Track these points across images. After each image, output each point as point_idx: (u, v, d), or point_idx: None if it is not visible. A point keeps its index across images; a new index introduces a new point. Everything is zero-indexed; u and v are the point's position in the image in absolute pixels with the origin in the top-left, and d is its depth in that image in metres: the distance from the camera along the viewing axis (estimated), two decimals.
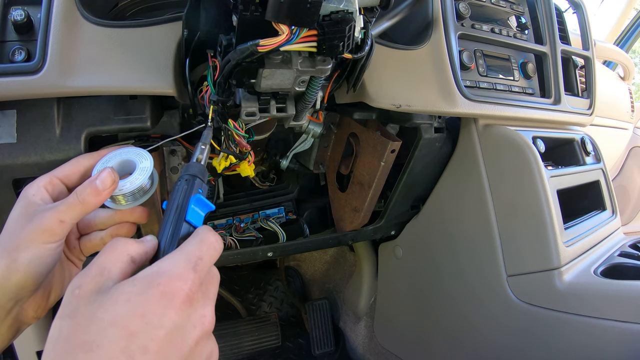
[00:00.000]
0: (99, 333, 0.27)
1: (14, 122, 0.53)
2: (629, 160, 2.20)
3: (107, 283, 0.30)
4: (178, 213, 0.37)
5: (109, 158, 0.45)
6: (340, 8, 0.40)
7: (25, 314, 0.40)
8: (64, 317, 0.29)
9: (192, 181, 0.40)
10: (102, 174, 0.41)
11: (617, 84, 1.98)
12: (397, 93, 0.65)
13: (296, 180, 1.00)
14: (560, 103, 0.86)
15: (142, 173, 0.44)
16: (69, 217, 0.39)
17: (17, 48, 0.50)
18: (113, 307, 0.28)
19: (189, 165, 0.42)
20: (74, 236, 0.46)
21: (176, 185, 0.40)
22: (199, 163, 0.44)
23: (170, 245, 0.36)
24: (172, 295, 0.29)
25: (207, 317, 0.32)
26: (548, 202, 0.71)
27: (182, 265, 0.31)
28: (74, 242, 0.46)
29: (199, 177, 0.41)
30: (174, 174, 0.75)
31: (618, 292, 0.64)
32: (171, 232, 0.36)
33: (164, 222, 0.37)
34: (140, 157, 0.45)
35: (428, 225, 0.93)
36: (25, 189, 0.41)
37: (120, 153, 0.46)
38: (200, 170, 0.42)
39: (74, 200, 0.39)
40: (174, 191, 0.39)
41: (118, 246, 0.33)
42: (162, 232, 0.37)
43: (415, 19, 0.73)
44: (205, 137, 0.48)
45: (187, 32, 0.51)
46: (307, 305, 1.31)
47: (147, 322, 0.28)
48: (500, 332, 0.78)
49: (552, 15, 0.86)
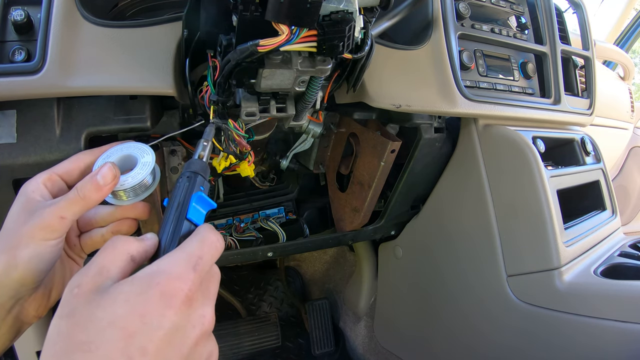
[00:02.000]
0: (98, 333, 0.27)
1: (14, 122, 0.53)
2: (629, 160, 2.20)
3: (106, 282, 0.30)
4: (179, 211, 0.37)
5: (109, 153, 0.44)
6: (340, 8, 0.40)
7: (26, 313, 0.40)
8: (62, 316, 0.29)
9: (194, 178, 0.40)
10: (103, 169, 0.40)
11: (617, 84, 1.98)
12: (397, 93, 0.65)
13: (296, 180, 1.00)
14: (560, 103, 0.86)
15: (143, 168, 0.43)
16: (69, 213, 0.38)
17: (17, 48, 0.50)
18: (112, 307, 0.28)
19: (190, 162, 0.42)
20: (74, 233, 0.46)
21: (177, 183, 0.39)
22: (201, 160, 0.43)
23: (170, 243, 0.35)
24: (172, 296, 0.29)
25: (207, 317, 0.32)
26: (548, 202, 0.71)
27: (182, 265, 0.31)
28: (75, 239, 0.46)
29: (200, 175, 0.40)
30: (174, 174, 0.75)
31: (618, 292, 0.64)
32: (172, 230, 0.36)
33: (165, 220, 0.37)
34: (142, 151, 0.45)
35: (428, 225, 0.93)
36: (24, 186, 0.41)
37: (122, 148, 0.45)
38: (201, 167, 0.41)
39: (74, 196, 0.39)
40: (175, 188, 0.39)
41: (118, 245, 0.33)
42: (162, 230, 0.36)
43: (415, 19, 0.73)
44: (208, 134, 0.47)
45: (187, 32, 0.51)
46: (307, 305, 1.31)
47: (146, 322, 0.28)
48: (500, 332, 0.78)
49: (552, 15, 0.86)
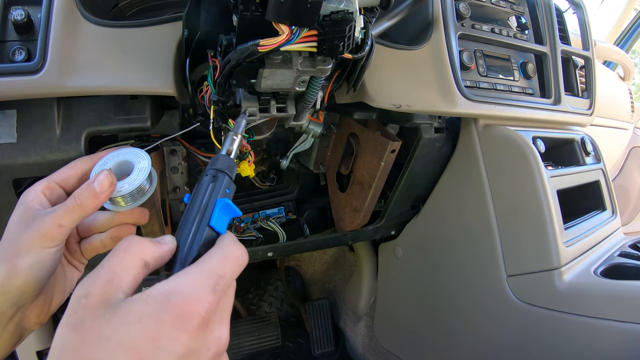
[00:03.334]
0: (107, 353, 0.26)
1: (14, 122, 0.53)
2: (629, 160, 2.20)
3: (117, 295, 0.28)
4: (201, 216, 0.34)
5: (106, 160, 0.44)
6: (340, 8, 0.40)
7: (28, 320, 0.40)
8: (69, 327, 0.28)
9: (220, 179, 0.36)
10: (100, 176, 0.40)
11: (617, 84, 1.98)
12: (397, 93, 0.65)
13: (296, 180, 1.00)
14: (560, 103, 0.86)
15: (140, 173, 0.43)
16: (67, 221, 0.38)
17: (18, 48, 0.50)
18: (123, 326, 0.27)
19: (216, 158, 0.38)
20: (74, 240, 0.46)
21: (201, 181, 0.36)
22: (228, 157, 0.40)
23: (189, 252, 0.33)
24: (188, 319, 0.28)
25: (222, 339, 0.30)
26: (548, 202, 0.71)
27: (201, 285, 0.29)
28: (75, 245, 0.46)
29: (227, 174, 0.37)
30: (174, 174, 0.75)
31: (618, 292, 0.64)
32: (192, 236, 0.33)
33: (184, 223, 0.34)
34: (138, 157, 0.44)
35: (428, 225, 0.93)
36: (23, 195, 0.41)
37: (118, 154, 0.45)
38: (228, 165, 0.38)
39: (72, 204, 0.39)
40: (199, 188, 0.36)
41: (131, 248, 0.31)
42: (180, 234, 0.34)
43: (415, 19, 0.73)
44: (238, 126, 0.44)
45: (188, 32, 0.51)
46: (307, 305, 1.31)
47: (159, 346, 0.27)
48: (500, 332, 0.78)
49: (552, 16, 0.86)
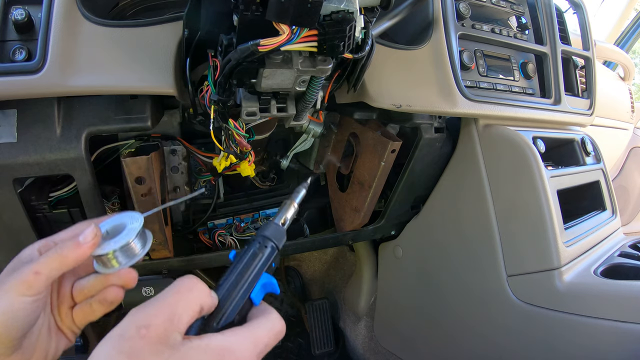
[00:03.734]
0: None
1: (14, 122, 0.53)
2: (629, 160, 2.20)
3: (175, 335, 0.31)
4: (247, 286, 0.37)
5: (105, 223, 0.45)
6: (341, 8, 0.40)
7: None
8: (123, 353, 0.29)
9: (269, 252, 0.39)
10: (86, 229, 0.40)
11: (617, 84, 1.98)
12: (398, 93, 0.65)
13: (296, 180, 1.00)
14: (561, 103, 0.86)
15: (129, 233, 0.43)
16: (45, 270, 0.38)
17: (18, 47, 0.50)
18: None
19: (270, 226, 0.41)
20: (67, 304, 0.44)
21: (251, 248, 0.39)
22: (282, 227, 0.42)
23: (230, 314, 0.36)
24: None
25: None
26: (548, 202, 0.71)
27: (250, 349, 0.33)
28: (67, 310, 0.44)
29: (277, 247, 0.40)
30: (174, 174, 0.75)
31: (618, 292, 0.64)
32: (235, 303, 0.36)
33: (228, 285, 0.36)
34: (132, 219, 0.44)
35: (428, 225, 0.93)
36: (21, 251, 0.41)
37: (116, 218, 0.45)
38: (279, 236, 0.40)
39: (52, 253, 0.39)
40: (248, 253, 0.38)
41: (196, 288, 0.33)
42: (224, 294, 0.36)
43: (415, 19, 0.73)
44: (296, 196, 0.46)
45: (188, 31, 0.51)
46: (307, 305, 1.31)
47: None
48: (500, 332, 0.78)
49: (552, 16, 0.86)
